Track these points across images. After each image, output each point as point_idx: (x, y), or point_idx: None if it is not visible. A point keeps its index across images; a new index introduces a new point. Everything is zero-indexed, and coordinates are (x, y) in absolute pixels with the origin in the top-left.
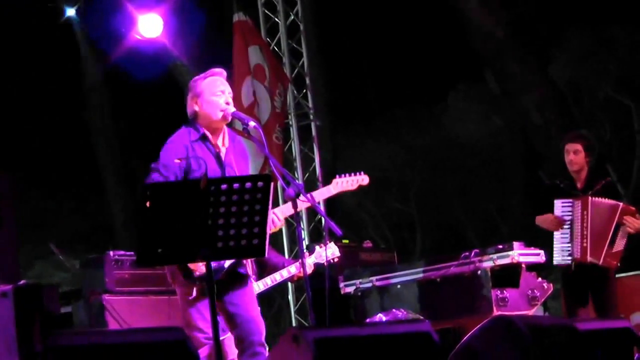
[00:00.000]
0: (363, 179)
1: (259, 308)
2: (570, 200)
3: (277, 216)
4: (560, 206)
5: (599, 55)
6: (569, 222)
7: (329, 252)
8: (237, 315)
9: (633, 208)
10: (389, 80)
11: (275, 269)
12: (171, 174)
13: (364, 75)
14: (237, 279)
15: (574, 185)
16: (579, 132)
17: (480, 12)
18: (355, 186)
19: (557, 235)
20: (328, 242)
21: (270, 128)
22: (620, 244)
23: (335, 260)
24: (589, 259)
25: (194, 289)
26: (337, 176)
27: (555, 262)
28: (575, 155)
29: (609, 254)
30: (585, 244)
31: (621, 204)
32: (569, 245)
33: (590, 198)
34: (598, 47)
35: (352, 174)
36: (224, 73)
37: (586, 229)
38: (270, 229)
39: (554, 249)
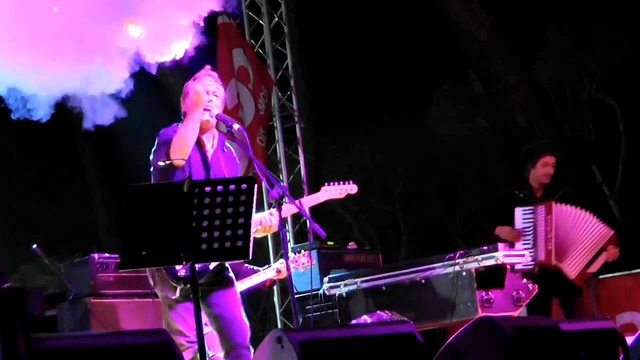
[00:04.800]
0: (352, 188)
1: (244, 310)
2: (531, 207)
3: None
4: (521, 214)
5: (581, 55)
6: (530, 229)
7: (302, 259)
8: (221, 317)
9: (618, 238)
10: (373, 81)
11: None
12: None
13: (347, 76)
14: (221, 281)
15: (533, 194)
16: (547, 143)
17: (463, 13)
18: (343, 195)
19: (518, 243)
20: (311, 242)
21: (254, 130)
22: (594, 267)
23: (309, 267)
24: (553, 261)
25: (177, 289)
26: (326, 184)
27: (516, 268)
28: (552, 168)
29: (583, 272)
30: (549, 247)
31: (612, 231)
32: (532, 251)
33: (553, 203)
34: (580, 47)
35: (341, 183)
36: (214, 73)
37: (550, 232)
38: (266, 226)
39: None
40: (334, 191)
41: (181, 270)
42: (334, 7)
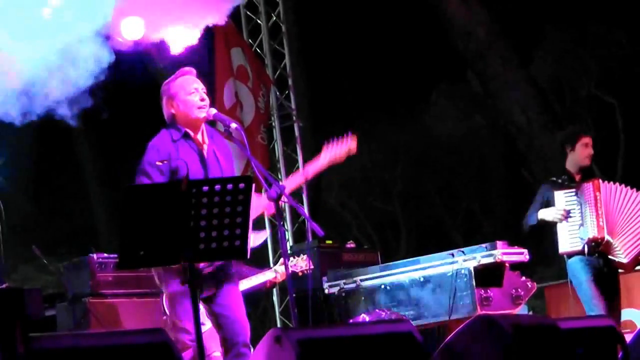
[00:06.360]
0: (351, 143)
1: (245, 309)
2: (574, 189)
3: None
4: (563, 196)
5: (580, 53)
6: (575, 211)
7: (301, 263)
8: (223, 316)
9: None
10: (372, 80)
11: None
12: (156, 173)
13: (346, 75)
14: (224, 280)
15: (572, 179)
16: (580, 126)
17: (461, 11)
18: (344, 153)
19: (562, 224)
20: (309, 241)
21: (254, 129)
22: None
23: (307, 272)
24: (605, 236)
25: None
26: (324, 146)
27: (562, 250)
28: (592, 149)
29: (637, 258)
30: (601, 223)
31: None
32: (578, 231)
33: (600, 180)
34: (578, 45)
35: (338, 140)
36: (194, 71)
37: (600, 208)
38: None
39: (560, 237)
40: (335, 151)
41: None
42: (333, 6)
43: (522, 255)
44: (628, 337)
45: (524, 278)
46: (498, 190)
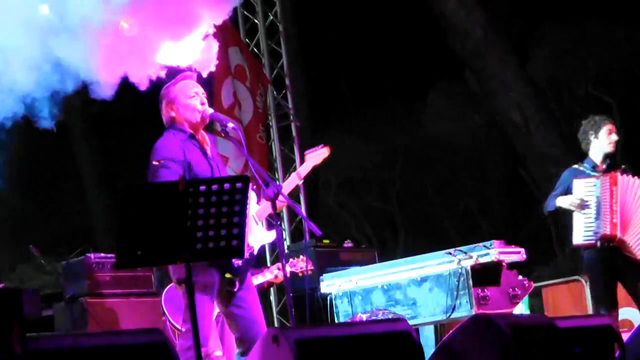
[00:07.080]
0: (324, 152)
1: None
2: (593, 179)
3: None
4: (582, 186)
5: (577, 52)
6: (592, 202)
7: (301, 264)
8: (240, 317)
9: None
10: (369, 79)
11: None
12: (166, 172)
13: (343, 74)
14: (243, 282)
15: (595, 168)
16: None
17: (459, 11)
18: (320, 160)
19: (578, 215)
20: (307, 241)
21: (253, 128)
22: None
23: (309, 272)
24: (618, 235)
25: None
26: (306, 153)
27: (575, 242)
28: (617, 135)
29: None
30: (615, 220)
31: None
32: (593, 224)
33: (619, 174)
34: (576, 45)
35: (316, 149)
36: (194, 75)
37: (615, 204)
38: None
39: (575, 229)
40: (315, 157)
41: (237, 262)
42: (330, 5)
43: (519, 254)
44: (625, 337)
45: (521, 277)
46: (496, 189)
